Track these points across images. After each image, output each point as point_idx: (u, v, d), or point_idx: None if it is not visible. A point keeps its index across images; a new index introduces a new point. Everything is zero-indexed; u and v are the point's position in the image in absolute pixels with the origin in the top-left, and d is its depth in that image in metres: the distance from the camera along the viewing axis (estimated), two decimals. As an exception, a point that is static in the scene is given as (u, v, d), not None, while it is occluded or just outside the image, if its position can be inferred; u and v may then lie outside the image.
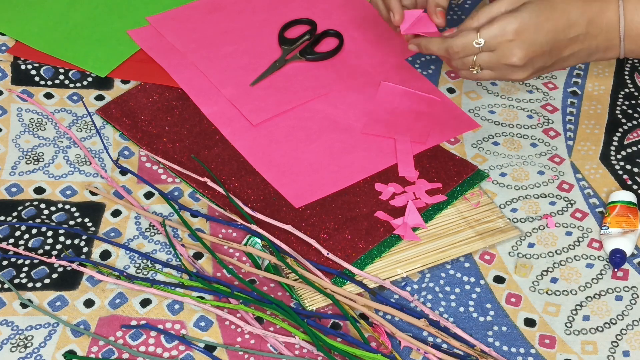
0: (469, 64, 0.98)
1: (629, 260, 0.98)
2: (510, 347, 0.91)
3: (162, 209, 1.01)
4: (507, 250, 0.99)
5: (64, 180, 1.03)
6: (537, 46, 0.96)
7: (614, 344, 0.91)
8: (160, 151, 1.06)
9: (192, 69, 1.15)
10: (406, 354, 0.90)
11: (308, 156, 1.06)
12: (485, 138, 1.09)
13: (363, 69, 1.16)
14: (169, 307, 0.93)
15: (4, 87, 1.12)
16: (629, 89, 1.15)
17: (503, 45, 0.96)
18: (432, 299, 0.94)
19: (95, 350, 0.89)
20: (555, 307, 0.94)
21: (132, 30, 1.19)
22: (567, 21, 0.96)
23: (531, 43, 0.95)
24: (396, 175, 1.04)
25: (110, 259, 0.97)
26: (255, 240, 0.97)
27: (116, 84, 1.14)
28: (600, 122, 1.11)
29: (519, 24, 0.95)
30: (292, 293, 0.94)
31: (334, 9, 1.23)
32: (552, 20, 0.95)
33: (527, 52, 0.96)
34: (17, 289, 0.93)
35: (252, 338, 0.91)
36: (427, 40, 1.01)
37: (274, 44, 1.18)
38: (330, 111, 1.11)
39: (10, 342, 0.89)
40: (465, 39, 0.97)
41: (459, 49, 0.98)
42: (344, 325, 0.92)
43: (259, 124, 1.09)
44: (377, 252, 0.97)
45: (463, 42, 0.97)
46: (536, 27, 0.95)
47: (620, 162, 1.06)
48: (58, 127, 1.08)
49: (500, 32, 0.95)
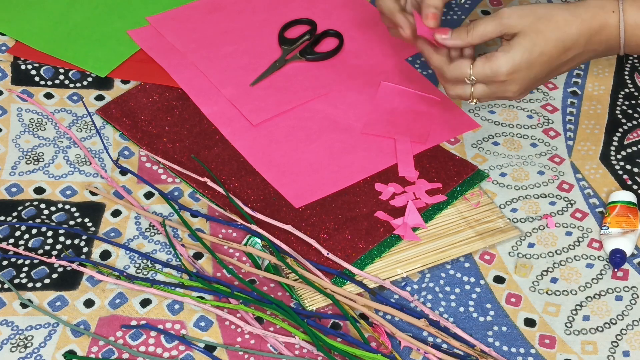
0: (466, 96, 0.97)
1: (629, 260, 0.98)
2: (510, 347, 0.91)
3: (162, 209, 1.01)
4: (507, 250, 0.99)
5: (64, 180, 1.03)
6: (531, 80, 0.96)
7: (614, 344, 0.91)
8: (160, 151, 1.06)
9: (192, 69, 1.15)
10: (406, 354, 0.90)
11: (308, 156, 1.06)
12: (485, 138, 1.09)
13: (363, 69, 1.16)
14: (169, 307, 0.93)
15: (4, 87, 1.12)
16: (629, 89, 1.15)
17: (497, 84, 0.95)
18: (432, 299, 0.94)
19: (95, 351, 0.89)
20: (555, 307, 0.94)
21: (132, 30, 1.19)
22: (563, 47, 0.94)
23: (525, 79, 0.95)
24: (396, 175, 1.04)
25: (110, 259, 0.97)
26: (255, 240, 0.97)
27: (116, 84, 1.14)
28: (600, 122, 1.11)
29: (511, 66, 0.93)
30: (292, 293, 0.94)
31: (334, 9, 1.23)
32: (546, 54, 0.94)
33: (521, 87, 0.96)
34: (17, 289, 0.93)
35: (252, 338, 0.91)
36: (430, 52, 0.99)
37: (274, 44, 1.18)
38: (330, 111, 1.11)
39: (10, 342, 0.89)
40: (458, 71, 0.96)
41: (452, 78, 0.97)
42: (344, 325, 0.92)
43: (259, 124, 1.09)
44: (377, 252, 0.97)
45: (456, 74, 0.96)
46: (529, 64, 0.94)
47: (620, 162, 1.06)
48: (58, 127, 1.08)
49: (493, 73, 0.94)
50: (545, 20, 0.94)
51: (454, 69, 0.96)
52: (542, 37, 0.93)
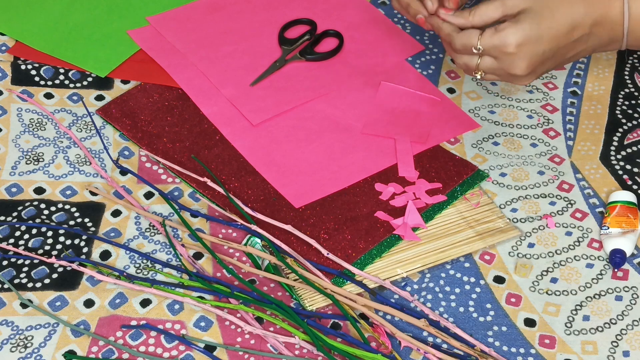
0: (472, 67, 0.98)
1: (629, 260, 0.98)
2: (510, 347, 0.91)
3: (162, 209, 1.01)
4: (507, 250, 0.99)
5: (64, 180, 1.03)
6: (539, 56, 0.96)
7: (614, 344, 0.91)
8: (160, 151, 1.06)
9: (192, 69, 1.15)
10: (406, 354, 0.90)
11: (308, 156, 1.06)
12: (485, 138, 1.09)
13: (363, 69, 1.16)
14: (169, 307, 0.93)
15: (4, 87, 1.12)
16: (629, 89, 1.15)
17: (505, 57, 0.95)
18: (432, 299, 0.94)
19: (95, 351, 0.89)
20: (555, 307, 0.94)
21: (132, 30, 1.19)
22: (570, 25, 0.95)
23: (533, 54, 0.95)
24: (396, 175, 1.04)
25: (110, 259, 0.97)
26: (255, 241, 0.97)
27: (116, 84, 1.14)
28: (600, 122, 1.11)
29: (519, 37, 0.94)
30: (292, 293, 0.94)
31: (334, 9, 1.23)
32: (554, 28, 0.95)
33: (530, 63, 0.96)
34: (17, 289, 0.93)
35: (252, 338, 0.91)
36: (439, 22, 1.00)
37: (274, 44, 1.18)
38: (330, 111, 1.11)
39: (10, 342, 0.89)
40: (466, 40, 0.97)
41: (460, 47, 0.98)
42: (344, 325, 0.92)
43: (259, 124, 1.09)
44: (377, 252, 0.97)
45: (464, 42, 0.97)
46: (538, 37, 0.94)
47: (620, 162, 1.06)
48: (58, 127, 1.08)
49: (501, 44, 0.94)
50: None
51: (461, 37, 0.97)
52: (549, 11, 0.94)
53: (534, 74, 0.98)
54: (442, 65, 1.17)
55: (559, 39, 0.95)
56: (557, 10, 0.95)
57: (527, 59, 0.95)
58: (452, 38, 0.99)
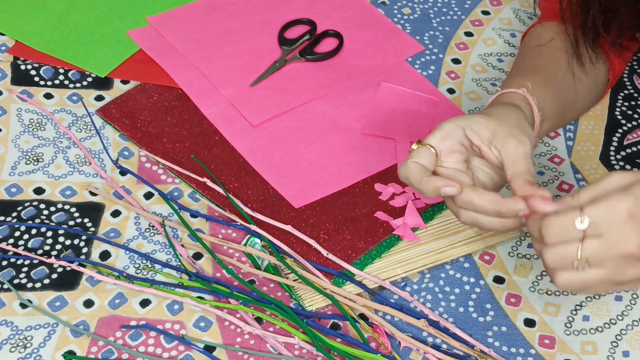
0: (571, 257, 0.76)
1: (629, 260, 0.98)
2: (510, 348, 0.91)
3: (162, 209, 1.01)
4: (507, 250, 0.99)
5: (63, 181, 1.03)
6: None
7: (613, 344, 0.91)
8: (160, 151, 1.06)
9: (192, 69, 1.15)
10: (406, 354, 0.90)
11: (308, 157, 1.06)
12: (485, 138, 1.09)
13: (363, 69, 1.16)
14: (168, 308, 0.93)
15: (4, 88, 1.12)
16: (628, 90, 1.15)
17: (614, 228, 0.75)
18: (431, 299, 0.94)
19: (94, 351, 0.89)
20: (555, 307, 0.94)
21: (132, 31, 1.19)
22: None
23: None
24: (396, 176, 1.04)
25: (110, 259, 0.97)
26: (255, 241, 0.97)
27: (116, 84, 1.14)
28: (600, 122, 1.11)
29: (632, 203, 0.75)
30: (291, 293, 0.94)
31: (334, 9, 1.23)
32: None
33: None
34: (16, 289, 0.93)
35: (252, 338, 0.91)
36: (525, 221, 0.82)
37: (273, 44, 1.18)
38: (330, 112, 1.11)
39: (10, 342, 0.89)
40: (563, 218, 0.76)
41: (554, 233, 0.76)
42: (343, 325, 0.92)
43: (259, 124, 1.09)
44: (376, 253, 0.97)
45: (561, 223, 0.76)
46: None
47: (620, 163, 1.06)
48: (58, 127, 1.08)
49: (610, 209, 0.75)
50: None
51: (557, 217, 0.77)
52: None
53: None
54: (442, 65, 1.17)
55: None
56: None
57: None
58: (542, 223, 0.77)
